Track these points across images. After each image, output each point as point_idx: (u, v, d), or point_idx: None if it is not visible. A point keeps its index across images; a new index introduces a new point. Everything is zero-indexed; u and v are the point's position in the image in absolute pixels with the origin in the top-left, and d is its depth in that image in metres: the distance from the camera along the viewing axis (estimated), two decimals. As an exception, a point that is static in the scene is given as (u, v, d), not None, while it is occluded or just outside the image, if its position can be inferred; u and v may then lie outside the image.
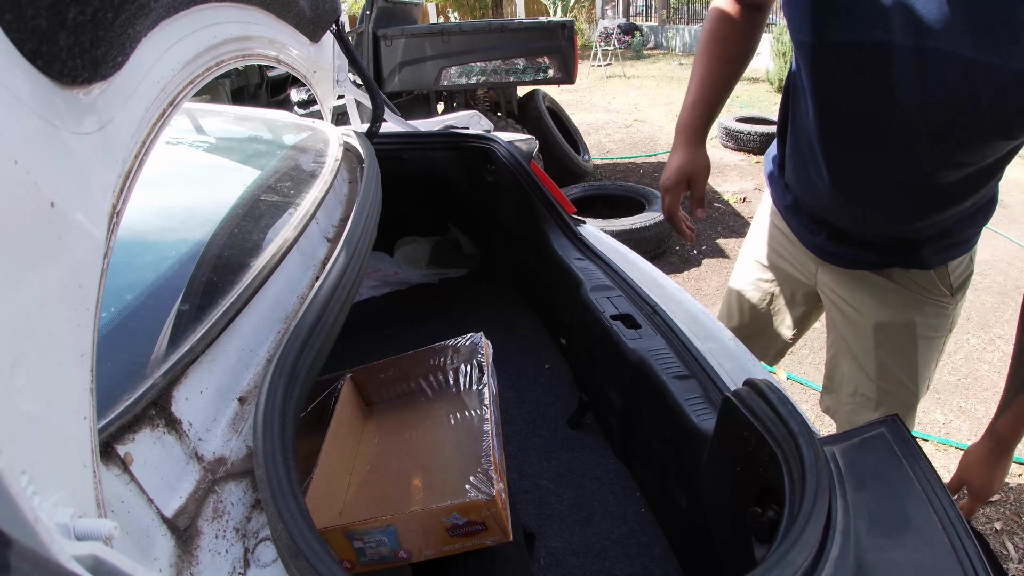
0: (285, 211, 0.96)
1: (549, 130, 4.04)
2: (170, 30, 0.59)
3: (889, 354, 1.03)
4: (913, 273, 0.96)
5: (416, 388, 0.90)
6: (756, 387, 0.62)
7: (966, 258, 0.96)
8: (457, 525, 0.67)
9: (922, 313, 0.98)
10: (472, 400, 0.83)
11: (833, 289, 1.06)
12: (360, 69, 1.35)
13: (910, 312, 0.98)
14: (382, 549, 0.69)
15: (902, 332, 1.00)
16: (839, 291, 1.05)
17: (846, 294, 1.04)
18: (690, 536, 0.88)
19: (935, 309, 0.98)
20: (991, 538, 1.62)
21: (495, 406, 0.84)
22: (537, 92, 4.22)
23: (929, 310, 0.98)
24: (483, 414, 0.80)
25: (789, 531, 0.49)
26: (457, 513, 0.67)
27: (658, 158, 4.99)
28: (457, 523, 0.67)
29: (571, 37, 3.61)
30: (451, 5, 14.37)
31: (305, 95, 3.90)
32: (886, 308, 0.99)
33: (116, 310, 0.67)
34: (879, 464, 0.58)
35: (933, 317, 0.99)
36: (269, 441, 0.53)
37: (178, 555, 0.49)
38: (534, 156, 1.69)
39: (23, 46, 0.34)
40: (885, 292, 0.99)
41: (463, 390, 0.86)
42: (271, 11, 0.91)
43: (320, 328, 0.68)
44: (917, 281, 0.96)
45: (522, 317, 1.60)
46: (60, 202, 0.36)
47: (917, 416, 1.14)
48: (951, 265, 0.95)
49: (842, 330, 1.08)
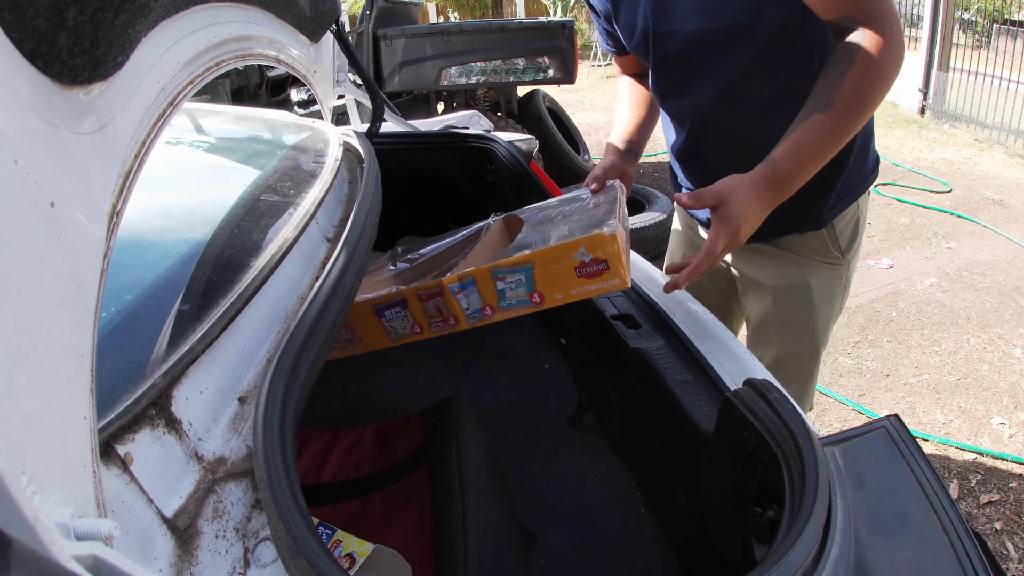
0: (285, 211, 0.96)
1: (549, 130, 4.04)
2: (170, 30, 0.59)
3: (789, 317, 1.11)
4: (807, 237, 1.04)
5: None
6: (756, 387, 0.62)
7: (853, 217, 1.04)
8: (584, 263, 0.76)
9: (817, 277, 1.07)
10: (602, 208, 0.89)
11: (738, 268, 1.16)
12: (360, 69, 1.35)
13: (806, 276, 1.07)
14: (519, 291, 0.79)
15: (800, 296, 1.08)
16: (743, 268, 1.15)
17: (748, 269, 1.13)
18: (690, 536, 0.88)
19: (829, 271, 1.07)
20: (991, 538, 1.62)
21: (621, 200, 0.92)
22: (537, 92, 4.22)
23: (823, 273, 1.07)
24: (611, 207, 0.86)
25: (789, 531, 0.49)
26: (584, 248, 0.75)
27: (658, 158, 4.99)
28: (584, 260, 0.75)
29: (571, 37, 3.61)
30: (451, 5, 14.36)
31: (305, 95, 3.90)
32: (783, 275, 1.08)
33: (116, 310, 0.67)
34: (879, 464, 0.58)
35: (828, 279, 1.07)
36: (269, 441, 0.53)
37: (178, 555, 0.49)
38: (534, 156, 1.69)
39: (23, 46, 0.34)
40: (781, 261, 1.07)
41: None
42: (271, 11, 0.91)
43: (320, 328, 0.68)
44: (810, 246, 1.04)
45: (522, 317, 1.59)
46: (60, 202, 0.36)
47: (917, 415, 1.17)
48: (839, 226, 1.03)
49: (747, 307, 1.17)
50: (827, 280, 1.07)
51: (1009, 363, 2.32)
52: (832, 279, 1.07)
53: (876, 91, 0.79)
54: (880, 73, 0.78)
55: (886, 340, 2.50)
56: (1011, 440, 1.94)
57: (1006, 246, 3.28)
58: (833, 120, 0.79)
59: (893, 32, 0.78)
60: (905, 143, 5.20)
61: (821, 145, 0.80)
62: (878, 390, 2.21)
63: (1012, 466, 1.84)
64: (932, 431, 1.98)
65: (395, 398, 1.31)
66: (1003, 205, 3.84)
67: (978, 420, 2.03)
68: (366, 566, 0.68)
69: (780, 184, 0.82)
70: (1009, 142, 4.94)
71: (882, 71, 0.78)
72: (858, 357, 2.40)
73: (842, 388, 2.22)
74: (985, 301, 2.75)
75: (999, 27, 5.92)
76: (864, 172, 1.03)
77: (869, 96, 0.79)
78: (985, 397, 2.14)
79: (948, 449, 1.91)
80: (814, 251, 1.05)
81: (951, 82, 5.70)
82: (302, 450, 0.94)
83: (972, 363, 2.33)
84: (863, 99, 0.79)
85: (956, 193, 4.04)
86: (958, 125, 5.55)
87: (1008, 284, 2.89)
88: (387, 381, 1.31)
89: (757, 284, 1.12)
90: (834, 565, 0.47)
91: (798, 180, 0.82)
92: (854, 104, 0.79)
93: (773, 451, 0.56)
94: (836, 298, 1.10)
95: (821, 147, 0.81)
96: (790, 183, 0.82)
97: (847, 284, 1.10)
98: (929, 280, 2.96)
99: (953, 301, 2.76)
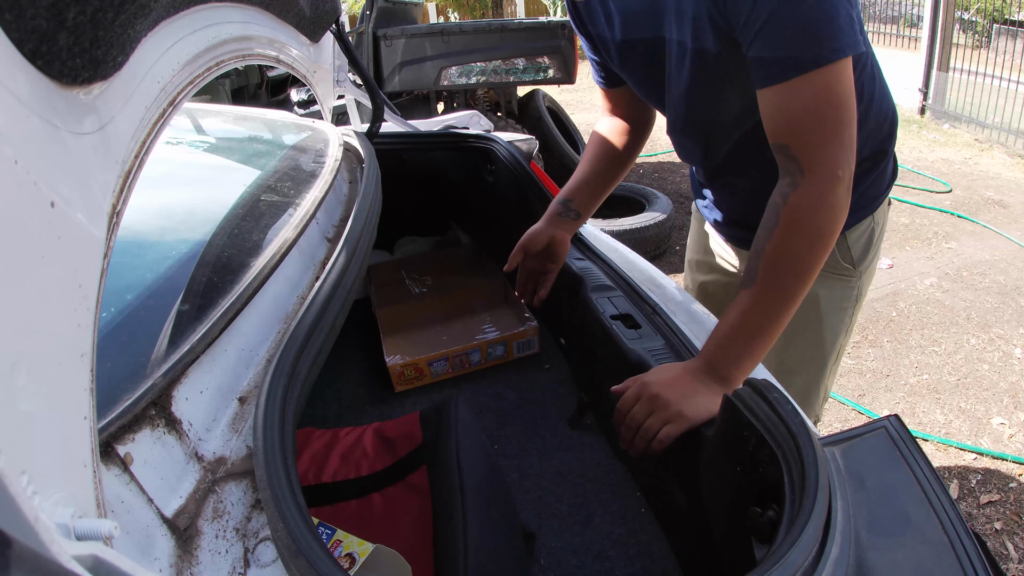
0: (285, 211, 0.96)
1: (549, 130, 4.04)
2: (170, 30, 0.59)
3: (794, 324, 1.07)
4: None
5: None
6: (756, 387, 0.62)
7: (868, 228, 0.98)
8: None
9: (826, 288, 1.01)
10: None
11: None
12: (360, 69, 1.35)
13: (814, 287, 0.99)
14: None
15: (808, 306, 1.02)
16: None
17: None
18: (690, 536, 0.88)
19: (839, 283, 1.02)
20: (991, 538, 1.62)
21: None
22: (537, 92, 4.22)
23: (833, 285, 1.01)
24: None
25: (789, 531, 0.49)
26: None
27: (658, 158, 4.99)
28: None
29: (571, 37, 3.61)
30: (451, 5, 14.36)
31: (305, 95, 3.90)
32: None
33: (116, 310, 0.67)
34: (879, 464, 0.58)
35: (837, 291, 1.02)
36: (269, 441, 0.53)
37: (178, 555, 0.49)
38: (534, 156, 1.69)
39: (23, 46, 0.34)
40: None
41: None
42: (271, 11, 0.91)
43: (320, 328, 0.68)
44: None
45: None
46: (60, 202, 0.36)
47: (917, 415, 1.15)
48: (851, 237, 0.97)
49: None
50: (836, 291, 1.02)
51: (1009, 363, 2.32)
52: (842, 291, 1.03)
53: (807, 258, 0.68)
54: (809, 237, 0.67)
55: (886, 340, 2.50)
56: (1011, 440, 1.94)
57: (1006, 246, 3.28)
58: (759, 298, 0.69)
59: (834, 181, 0.66)
60: (905, 143, 5.20)
61: (751, 324, 0.70)
62: (878, 390, 2.21)
63: (1012, 466, 1.84)
64: (932, 431, 1.98)
65: (395, 398, 1.31)
66: (1003, 205, 3.84)
67: (978, 420, 2.03)
68: (366, 566, 0.68)
69: (711, 360, 0.73)
70: (1009, 142, 4.94)
71: (811, 234, 0.67)
72: (858, 357, 2.40)
73: (842, 388, 2.22)
74: (985, 301, 2.75)
75: (999, 27, 5.92)
76: (880, 187, 0.98)
77: (797, 265, 0.68)
78: (985, 397, 2.14)
79: (948, 449, 1.91)
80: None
81: (951, 82, 5.71)
82: (302, 450, 0.94)
83: (972, 363, 2.33)
84: (793, 269, 0.68)
85: (956, 193, 4.04)
86: (958, 125, 5.55)
87: (1008, 284, 2.88)
88: (387, 381, 1.31)
89: None
90: (834, 565, 0.47)
91: (734, 356, 0.72)
92: (782, 277, 0.68)
93: (773, 451, 0.56)
94: (846, 310, 1.05)
95: (752, 325, 0.70)
96: (725, 360, 0.72)
97: (859, 297, 1.05)
98: (929, 280, 2.96)
99: (953, 301, 2.76)
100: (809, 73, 0.64)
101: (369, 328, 1.50)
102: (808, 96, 0.65)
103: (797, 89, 0.65)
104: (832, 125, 0.66)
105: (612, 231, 2.95)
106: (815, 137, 0.66)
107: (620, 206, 3.45)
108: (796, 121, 0.67)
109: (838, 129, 0.66)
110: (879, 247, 1.02)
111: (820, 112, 0.65)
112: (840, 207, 0.68)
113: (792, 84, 0.65)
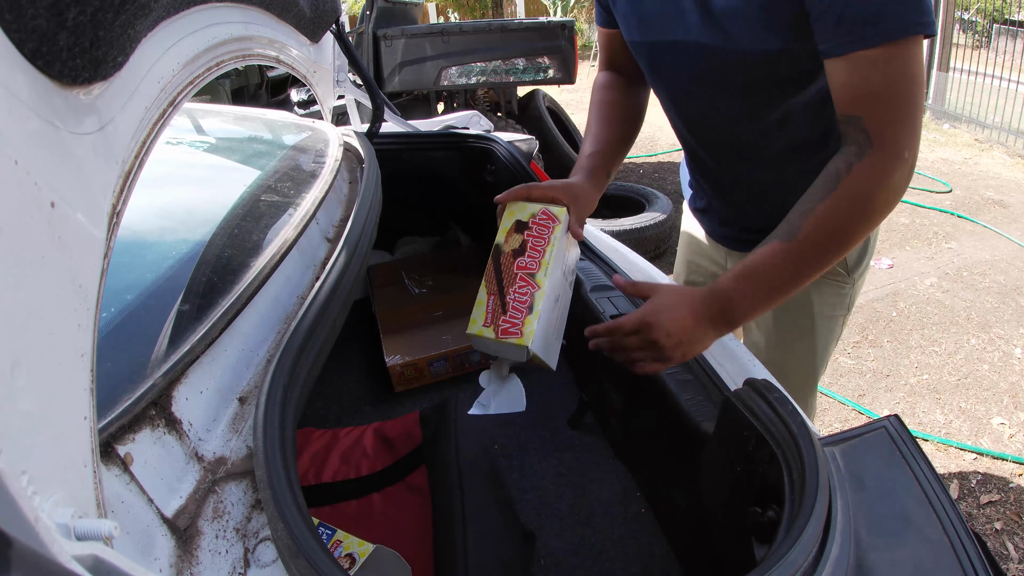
0: (285, 211, 0.96)
1: (549, 130, 4.04)
2: (170, 30, 0.59)
3: (787, 333, 1.06)
4: None
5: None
6: (756, 387, 0.62)
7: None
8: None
9: (819, 293, 1.01)
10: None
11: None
12: (360, 69, 1.35)
13: (807, 291, 1.00)
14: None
15: (799, 311, 1.02)
16: None
17: None
18: (690, 536, 0.88)
19: (832, 289, 1.01)
20: (991, 538, 1.62)
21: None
22: (537, 92, 4.22)
23: (826, 290, 1.00)
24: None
25: (789, 531, 0.49)
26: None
27: (658, 158, 4.99)
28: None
29: (571, 37, 3.61)
30: (451, 5, 14.36)
31: (305, 95, 3.90)
32: None
33: (116, 310, 0.67)
34: (879, 464, 0.58)
35: (830, 297, 1.01)
36: (269, 441, 0.53)
37: (178, 555, 0.49)
38: (534, 156, 1.69)
39: (23, 46, 0.34)
40: None
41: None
42: (271, 11, 0.91)
43: (320, 328, 0.68)
44: None
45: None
46: (60, 202, 0.36)
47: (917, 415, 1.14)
48: None
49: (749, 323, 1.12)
50: (829, 297, 1.01)
51: (1009, 363, 2.32)
52: (834, 297, 1.01)
53: (857, 229, 0.67)
54: (865, 211, 0.66)
55: (886, 340, 2.50)
56: (1011, 440, 1.94)
57: (1006, 246, 3.28)
58: (793, 256, 0.68)
59: (900, 161, 0.65)
60: (905, 143, 5.19)
61: (776, 278, 0.69)
62: (878, 390, 2.21)
63: (1012, 466, 1.84)
64: (932, 431, 1.98)
65: (395, 398, 1.31)
66: (1003, 205, 3.84)
67: (978, 420, 2.03)
68: (366, 566, 0.68)
69: (721, 305, 0.71)
70: (1009, 142, 4.94)
71: (867, 208, 0.66)
72: (858, 357, 2.40)
73: (842, 388, 2.22)
74: (985, 301, 2.75)
75: (999, 27, 5.92)
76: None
77: (846, 235, 0.67)
78: (985, 397, 2.14)
79: (948, 449, 1.91)
80: None
81: (951, 82, 5.71)
82: (302, 450, 0.94)
83: (972, 363, 2.33)
84: (838, 238, 0.67)
85: (956, 193, 4.04)
86: (958, 125, 5.55)
87: (1008, 284, 2.88)
88: (387, 381, 1.31)
89: None
90: (834, 565, 0.47)
91: (747, 306, 0.70)
92: (824, 243, 0.67)
93: (773, 451, 0.56)
94: (837, 317, 1.04)
95: (776, 280, 0.69)
96: (735, 308, 0.70)
97: (850, 304, 1.04)
98: (929, 280, 2.96)
99: (953, 301, 2.76)
100: (895, 43, 0.63)
101: (369, 328, 1.49)
102: (890, 68, 0.64)
103: (880, 59, 0.63)
104: (909, 102, 0.65)
105: (612, 231, 2.95)
106: (891, 113, 0.65)
107: (620, 206, 3.45)
108: (874, 94, 0.65)
109: (912, 108, 0.65)
110: (871, 256, 1.02)
111: (899, 87, 0.64)
112: (900, 188, 0.67)
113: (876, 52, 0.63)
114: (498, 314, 0.76)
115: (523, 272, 0.77)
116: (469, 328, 0.77)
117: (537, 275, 0.76)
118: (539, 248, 0.77)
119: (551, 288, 0.77)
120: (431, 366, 1.31)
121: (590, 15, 16.65)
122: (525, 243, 0.77)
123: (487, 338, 0.75)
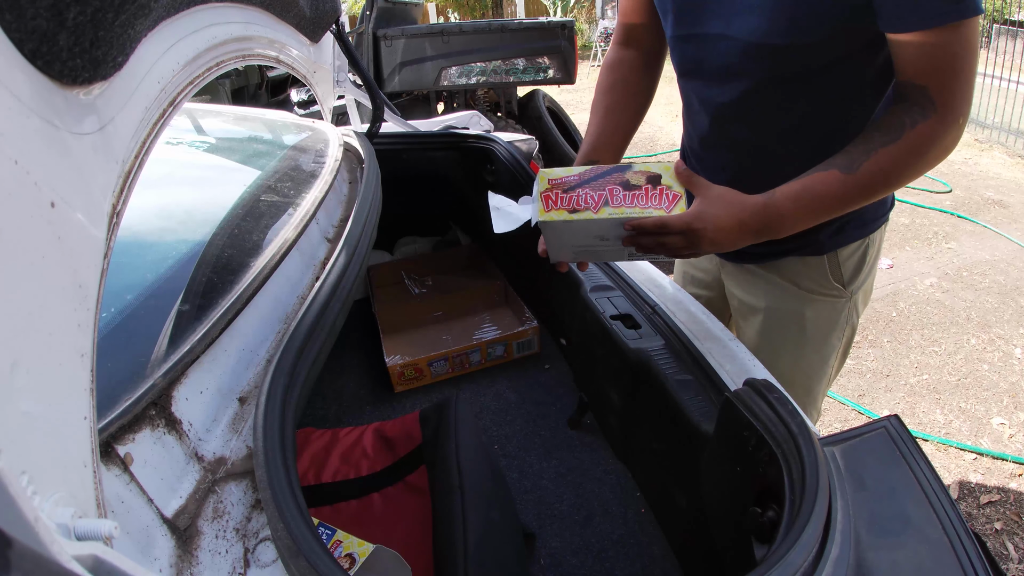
0: (285, 211, 0.96)
1: (549, 130, 4.03)
2: (170, 30, 0.59)
3: (779, 344, 1.03)
4: (807, 263, 0.96)
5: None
6: (756, 387, 0.62)
7: (862, 247, 0.97)
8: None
9: (812, 308, 0.99)
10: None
11: (733, 292, 1.09)
12: (360, 69, 1.35)
13: (801, 305, 1.00)
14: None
15: (791, 324, 1.01)
16: (736, 291, 1.08)
17: (741, 292, 1.06)
18: (690, 536, 0.88)
19: (826, 303, 0.99)
20: (991, 538, 1.62)
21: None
22: (537, 92, 4.21)
23: (820, 304, 0.99)
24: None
25: (789, 531, 0.49)
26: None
27: (658, 158, 4.99)
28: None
29: (571, 37, 3.61)
30: (451, 5, 14.36)
31: (305, 95, 3.90)
32: (776, 298, 1.01)
33: (116, 310, 0.67)
34: (879, 464, 0.58)
35: (825, 312, 0.99)
36: (269, 441, 0.53)
37: (178, 555, 0.49)
38: (534, 156, 1.69)
39: (23, 46, 0.34)
40: (773, 286, 1.01)
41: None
42: (271, 11, 0.91)
43: (320, 328, 0.68)
44: (807, 273, 0.97)
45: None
46: (60, 202, 0.36)
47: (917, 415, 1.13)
48: (843, 253, 0.95)
49: (741, 332, 1.10)
50: (824, 312, 0.99)
51: (1009, 363, 2.32)
52: (830, 312, 0.99)
53: (907, 176, 0.75)
54: (920, 161, 0.74)
55: (886, 340, 2.50)
56: (1011, 440, 1.94)
57: (1006, 246, 3.28)
58: (849, 186, 0.75)
59: (956, 125, 0.73)
60: (905, 143, 5.20)
61: (827, 203, 0.76)
62: (878, 390, 2.21)
63: (1012, 466, 1.84)
64: (932, 431, 1.98)
65: (395, 398, 1.31)
66: (1003, 205, 3.84)
67: (978, 420, 2.03)
68: (366, 566, 0.69)
69: (770, 221, 0.76)
70: (1009, 142, 4.94)
71: (923, 160, 0.74)
72: (858, 357, 2.40)
73: (842, 388, 2.22)
74: (985, 301, 2.75)
75: (999, 27, 5.92)
76: (884, 206, 0.96)
77: (897, 178, 0.75)
78: (985, 397, 2.14)
79: (948, 449, 1.91)
80: (811, 279, 0.97)
81: (951, 82, 5.69)
82: (302, 450, 0.94)
83: (972, 363, 2.33)
84: (890, 180, 0.75)
85: (956, 193, 4.04)
86: (958, 125, 5.55)
87: (1008, 284, 2.88)
88: (387, 381, 1.31)
89: (750, 307, 1.05)
90: (834, 565, 0.47)
91: (790, 224, 0.77)
92: (878, 181, 0.74)
93: (773, 451, 0.56)
94: (833, 334, 1.01)
95: (826, 204, 0.76)
96: (781, 224, 0.76)
97: (850, 319, 1.01)
98: (929, 280, 2.96)
99: (953, 301, 2.76)
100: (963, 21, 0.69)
101: (369, 328, 1.50)
102: (958, 44, 0.70)
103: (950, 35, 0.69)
104: (970, 74, 0.72)
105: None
106: (955, 83, 0.71)
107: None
108: (943, 67, 0.72)
109: (973, 79, 0.73)
110: (873, 271, 1.00)
111: (964, 61, 0.71)
112: (951, 148, 0.75)
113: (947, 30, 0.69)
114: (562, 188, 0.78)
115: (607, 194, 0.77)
116: (542, 173, 0.79)
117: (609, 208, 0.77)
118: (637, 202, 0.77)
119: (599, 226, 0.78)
120: (431, 366, 1.31)
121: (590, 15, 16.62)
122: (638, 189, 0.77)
123: (538, 190, 0.78)
